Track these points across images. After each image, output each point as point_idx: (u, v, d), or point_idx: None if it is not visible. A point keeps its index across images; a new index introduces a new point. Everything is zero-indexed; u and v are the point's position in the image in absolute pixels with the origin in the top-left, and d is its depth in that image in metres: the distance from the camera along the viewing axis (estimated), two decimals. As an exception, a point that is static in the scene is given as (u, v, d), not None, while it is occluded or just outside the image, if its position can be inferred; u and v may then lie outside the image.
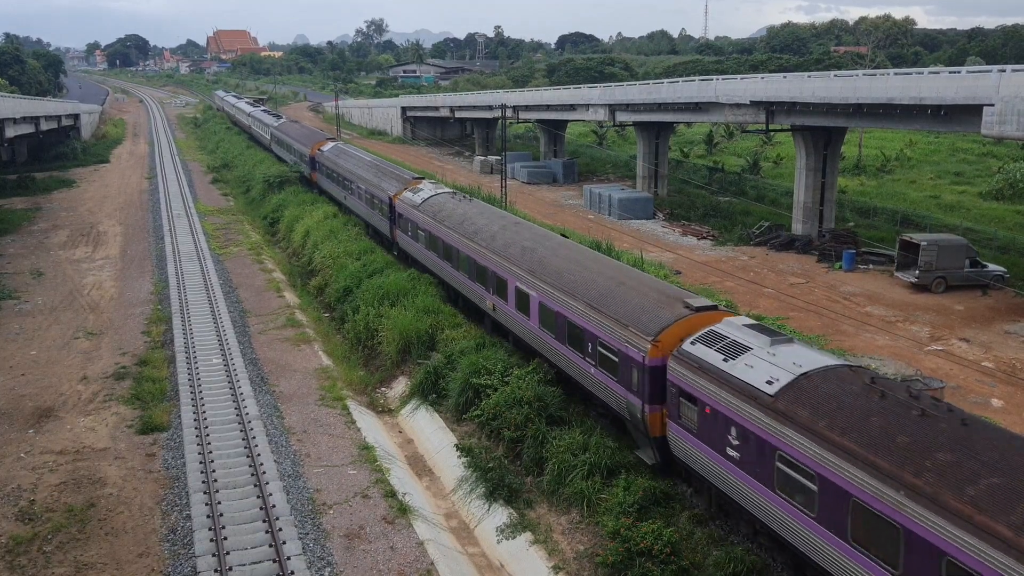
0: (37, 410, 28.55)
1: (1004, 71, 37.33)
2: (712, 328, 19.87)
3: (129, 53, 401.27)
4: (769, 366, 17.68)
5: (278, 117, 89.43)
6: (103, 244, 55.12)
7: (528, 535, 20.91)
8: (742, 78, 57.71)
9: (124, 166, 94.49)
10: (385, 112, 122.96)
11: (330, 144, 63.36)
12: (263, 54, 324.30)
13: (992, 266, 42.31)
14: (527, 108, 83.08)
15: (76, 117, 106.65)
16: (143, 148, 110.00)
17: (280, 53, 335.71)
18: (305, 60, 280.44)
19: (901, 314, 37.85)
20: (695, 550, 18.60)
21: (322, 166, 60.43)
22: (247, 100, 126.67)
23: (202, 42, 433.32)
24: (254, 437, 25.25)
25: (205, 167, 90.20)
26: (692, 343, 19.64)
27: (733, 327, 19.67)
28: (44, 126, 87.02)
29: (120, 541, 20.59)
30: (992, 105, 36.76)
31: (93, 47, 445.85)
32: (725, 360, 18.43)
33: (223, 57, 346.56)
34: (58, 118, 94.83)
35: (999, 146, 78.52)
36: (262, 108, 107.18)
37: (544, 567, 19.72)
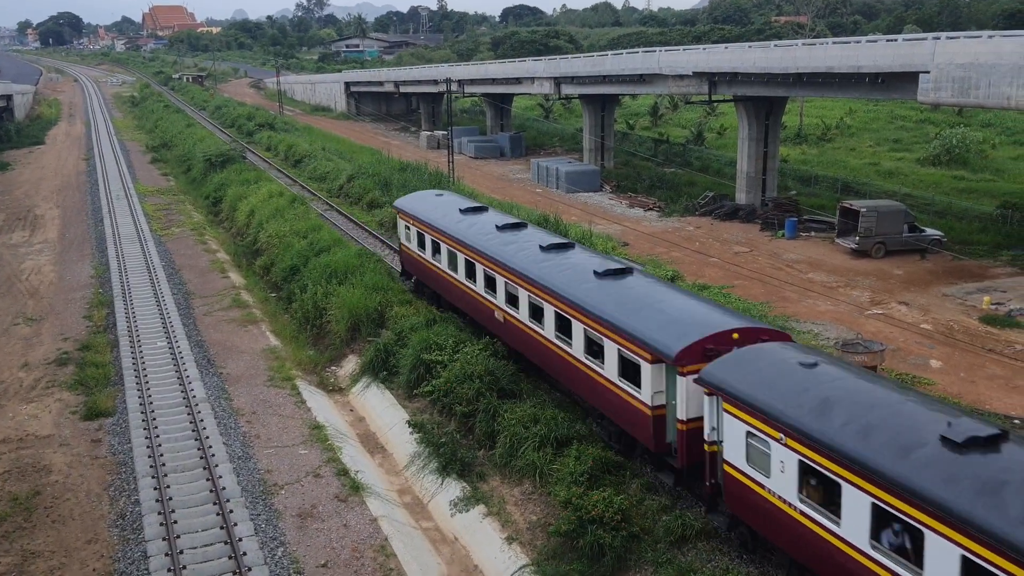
0: (-24, 399, 27.90)
1: (939, 39, 38.06)
2: None
3: (62, 31, 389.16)
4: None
5: None
6: (41, 228, 53.77)
7: (481, 507, 21.07)
8: (685, 49, 57.94)
9: (60, 147, 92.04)
10: (328, 88, 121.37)
11: None
12: (201, 30, 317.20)
13: (930, 230, 43.34)
14: (473, 82, 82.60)
15: (8, 98, 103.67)
16: (79, 128, 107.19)
17: (218, 29, 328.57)
18: (244, 35, 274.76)
19: (842, 280, 38.63)
20: (645, 516, 18.91)
21: None
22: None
23: (137, 19, 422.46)
24: (202, 420, 24.99)
25: (144, 147, 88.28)
26: None
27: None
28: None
29: (67, 528, 20.30)
30: (928, 72, 37.47)
31: (24, 25, 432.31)
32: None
33: (160, 34, 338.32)
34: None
35: (936, 113, 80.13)
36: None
37: (498, 538, 19.90)
